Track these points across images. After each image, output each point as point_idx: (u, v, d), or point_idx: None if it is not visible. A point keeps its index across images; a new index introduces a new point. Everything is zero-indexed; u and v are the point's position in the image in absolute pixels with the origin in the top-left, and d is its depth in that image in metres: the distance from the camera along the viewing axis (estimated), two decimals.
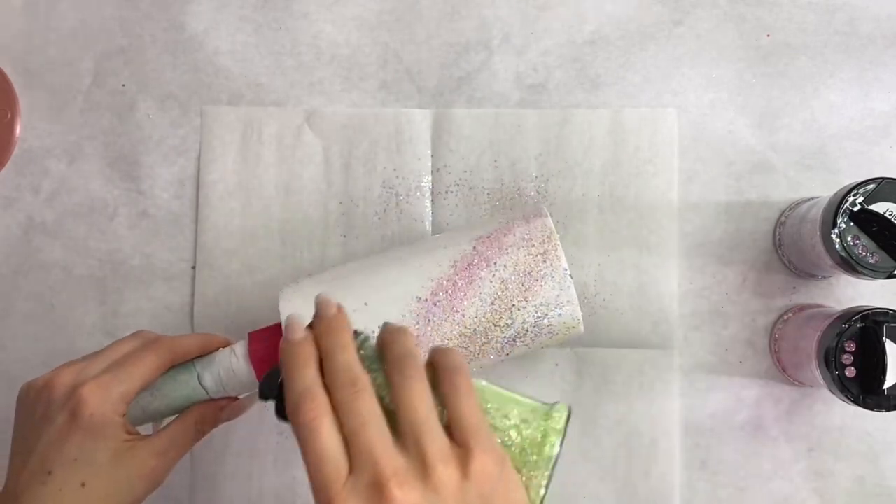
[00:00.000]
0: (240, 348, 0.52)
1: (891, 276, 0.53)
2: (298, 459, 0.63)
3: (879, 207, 0.53)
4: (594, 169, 0.64)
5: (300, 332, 0.41)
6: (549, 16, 0.66)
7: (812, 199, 0.62)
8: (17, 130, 0.66)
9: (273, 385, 0.41)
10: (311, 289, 0.53)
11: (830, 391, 0.55)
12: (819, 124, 0.64)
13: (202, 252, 0.65)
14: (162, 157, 0.66)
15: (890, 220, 0.53)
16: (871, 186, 0.53)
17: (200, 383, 0.51)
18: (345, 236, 0.65)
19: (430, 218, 0.65)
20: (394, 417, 0.38)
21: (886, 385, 0.53)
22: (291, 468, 0.63)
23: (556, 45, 0.66)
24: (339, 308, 0.41)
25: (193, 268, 0.65)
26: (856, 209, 0.53)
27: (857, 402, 0.53)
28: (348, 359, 0.39)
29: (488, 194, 0.65)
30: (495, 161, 0.65)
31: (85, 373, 0.48)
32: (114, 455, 0.47)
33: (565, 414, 0.41)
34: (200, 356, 0.52)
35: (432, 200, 0.65)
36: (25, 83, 0.67)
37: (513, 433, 0.40)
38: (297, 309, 0.51)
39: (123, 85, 0.67)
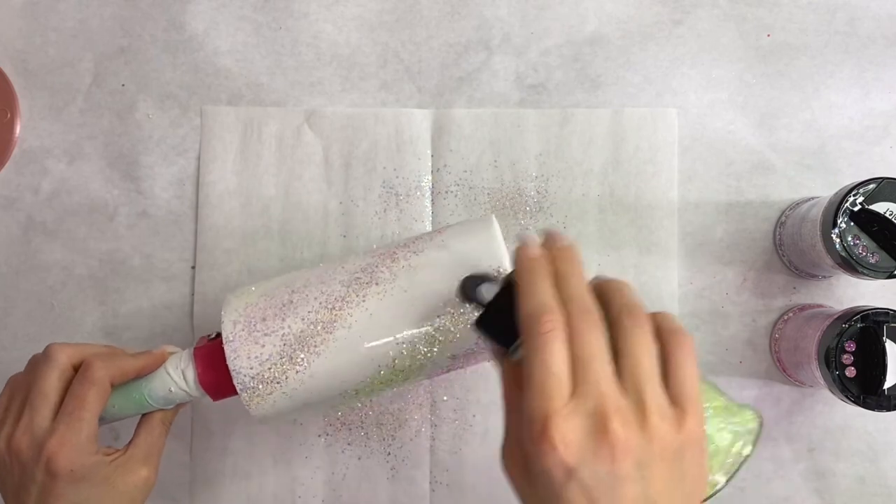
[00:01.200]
0: (189, 374, 0.51)
1: (891, 276, 0.53)
2: (298, 459, 0.63)
3: (879, 207, 0.53)
4: (594, 169, 0.64)
5: (537, 248, 0.41)
6: (549, 16, 0.66)
7: (812, 199, 0.62)
8: (17, 130, 0.66)
9: (473, 289, 0.43)
10: (256, 296, 0.52)
11: (830, 391, 0.55)
12: (819, 124, 0.64)
13: (202, 252, 0.65)
14: (162, 157, 0.66)
15: (890, 220, 0.53)
16: (871, 186, 0.53)
17: (154, 406, 0.52)
18: (345, 236, 0.65)
19: (430, 218, 0.65)
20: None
21: (886, 385, 0.53)
22: (291, 468, 0.63)
23: (556, 45, 0.66)
24: (572, 242, 0.42)
25: (193, 268, 0.65)
26: (856, 209, 0.53)
27: (857, 402, 0.53)
28: (583, 287, 0.40)
29: (488, 194, 0.65)
30: (495, 161, 0.65)
31: (38, 429, 0.47)
32: (106, 481, 0.48)
33: (758, 418, 0.42)
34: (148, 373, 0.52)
35: (432, 200, 0.65)
36: (25, 83, 0.67)
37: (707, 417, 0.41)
38: (237, 316, 0.50)
39: (123, 85, 0.67)
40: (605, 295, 0.40)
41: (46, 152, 0.66)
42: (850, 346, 0.54)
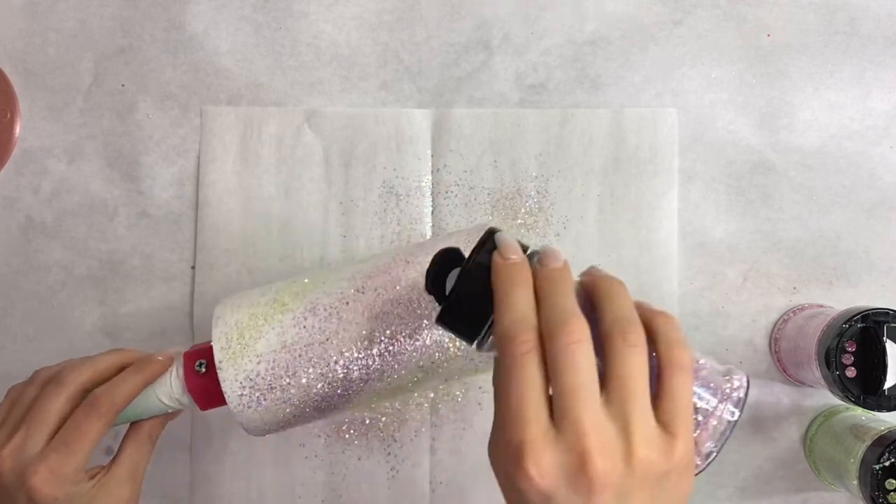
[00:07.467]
0: (184, 399, 0.50)
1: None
2: (298, 459, 0.63)
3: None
4: (594, 169, 0.64)
5: (518, 253, 0.38)
6: (549, 16, 0.66)
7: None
8: (17, 130, 0.66)
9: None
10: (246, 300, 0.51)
11: (830, 391, 0.55)
12: (819, 124, 0.64)
13: (202, 252, 0.65)
14: (162, 157, 0.66)
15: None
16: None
17: (142, 414, 0.51)
18: (345, 236, 0.65)
19: (430, 218, 0.65)
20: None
21: (886, 385, 0.53)
22: (291, 468, 0.63)
23: (556, 45, 0.66)
24: (566, 261, 0.39)
25: (193, 268, 0.65)
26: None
27: (857, 402, 0.53)
28: (570, 305, 0.36)
29: (488, 194, 0.65)
30: (495, 161, 0.65)
31: (27, 452, 0.46)
32: (90, 502, 0.47)
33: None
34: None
35: (432, 200, 0.65)
36: (25, 83, 0.67)
37: None
38: (229, 323, 0.49)
39: (123, 85, 0.67)
40: (596, 301, 0.38)
41: (46, 152, 0.66)
42: (851, 346, 0.54)
